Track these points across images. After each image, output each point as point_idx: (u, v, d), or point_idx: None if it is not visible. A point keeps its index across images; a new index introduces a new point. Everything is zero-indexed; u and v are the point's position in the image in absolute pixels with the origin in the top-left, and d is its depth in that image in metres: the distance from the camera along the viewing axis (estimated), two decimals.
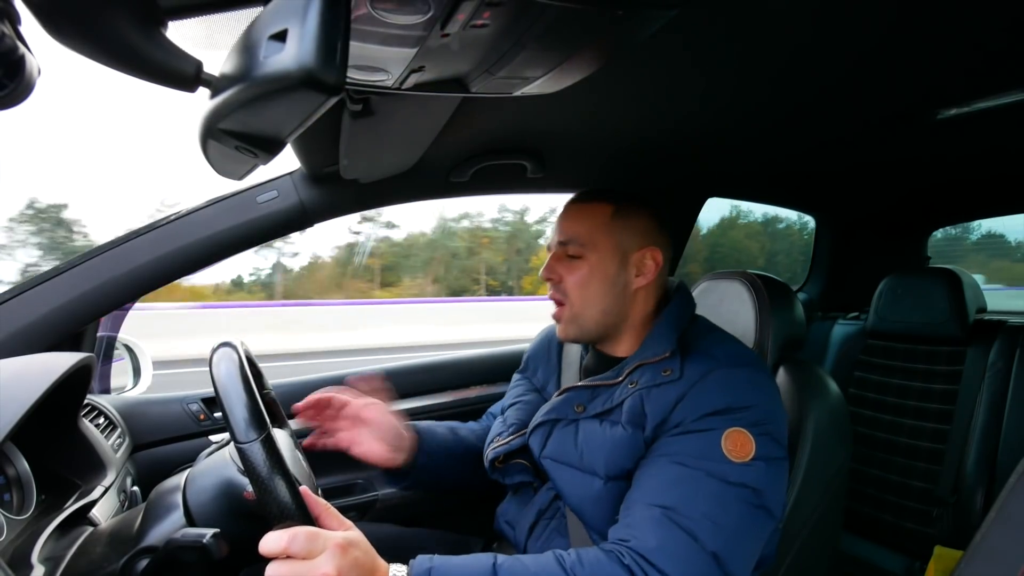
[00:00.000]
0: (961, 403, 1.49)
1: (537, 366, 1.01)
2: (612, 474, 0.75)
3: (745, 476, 0.67)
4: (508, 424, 0.92)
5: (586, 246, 0.82)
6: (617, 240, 0.83)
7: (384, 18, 0.45)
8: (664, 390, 0.75)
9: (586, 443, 0.79)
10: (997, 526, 0.43)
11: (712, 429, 0.70)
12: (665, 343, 0.79)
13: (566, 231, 0.84)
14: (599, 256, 0.82)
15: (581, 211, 0.85)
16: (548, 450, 0.83)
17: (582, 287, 0.82)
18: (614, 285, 0.83)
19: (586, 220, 0.84)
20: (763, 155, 1.27)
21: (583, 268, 0.82)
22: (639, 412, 0.75)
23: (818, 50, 0.72)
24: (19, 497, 0.71)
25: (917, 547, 1.47)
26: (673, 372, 0.76)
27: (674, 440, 0.71)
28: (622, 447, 0.75)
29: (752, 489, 0.68)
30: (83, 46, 0.37)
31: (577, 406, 0.82)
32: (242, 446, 0.59)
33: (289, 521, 0.57)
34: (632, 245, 0.83)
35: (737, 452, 0.68)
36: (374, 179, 1.07)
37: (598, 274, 0.82)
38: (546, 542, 0.84)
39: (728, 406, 0.71)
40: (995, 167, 1.43)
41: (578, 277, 0.82)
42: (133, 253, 0.94)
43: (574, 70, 0.61)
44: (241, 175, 0.53)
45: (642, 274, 0.84)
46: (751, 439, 0.69)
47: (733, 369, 0.75)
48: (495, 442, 0.92)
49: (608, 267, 0.82)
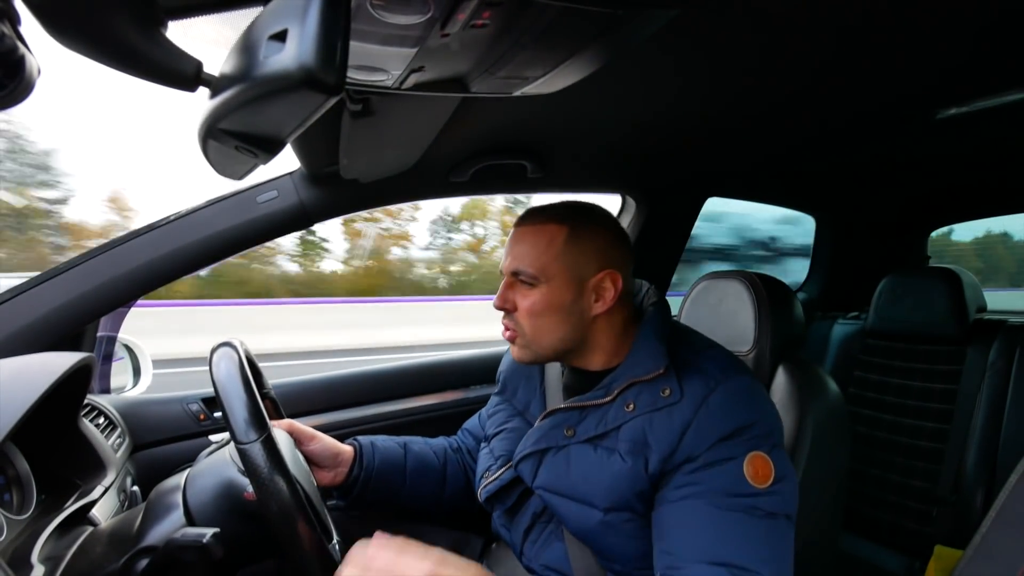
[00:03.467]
0: (961, 402, 1.49)
1: (516, 386, 0.94)
2: (612, 507, 0.73)
3: (776, 505, 0.67)
4: (496, 456, 0.89)
5: (538, 277, 0.76)
6: (571, 267, 0.76)
7: (384, 18, 0.45)
8: (667, 416, 0.71)
9: (580, 472, 0.75)
10: (997, 526, 0.43)
11: (731, 458, 0.68)
12: (655, 358, 0.75)
13: (517, 259, 0.78)
14: (551, 286, 0.76)
15: (532, 236, 0.78)
16: (540, 480, 0.79)
17: (535, 317, 0.77)
18: (570, 314, 0.77)
19: (537, 246, 0.77)
20: (763, 155, 1.27)
21: (535, 296, 0.77)
22: (641, 442, 0.71)
23: (818, 50, 0.72)
24: (19, 497, 0.71)
25: (917, 547, 1.47)
26: (673, 392, 0.72)
27: (696, 477, 0.68)
28: (622, 480, 0.71)
29: (785, 515, 0.68)
30: (83, 46, 0.37)
31: (567, 429, 0.78)
32: (243, 446, 0.59)
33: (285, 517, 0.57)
34: (588, 270, 0.77)
35: (760, 478, 0.67)
36: (374, 179, 1.06)
37: (553, 304, 0.76)
38: (543, 545, 0.83)
39: (737, 427, 0.69)
40: (995, 167, 1.43)
41: (530, 306, 0.77)
42: (133, 253, 0.94)
43: (574, 70, 0.61)
44: (241, 175, 0.53)
45: (600, 299, 0.78)
46: (768, 460, 0.68)
47: (730, 383, 0.73)
48: (485, 478, 0.88)
49: (563, 296, 0.76)
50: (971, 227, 2.19)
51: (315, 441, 0.89)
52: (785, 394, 0.94)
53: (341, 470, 0.91)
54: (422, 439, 1.04)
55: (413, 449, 0.99)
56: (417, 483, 0.97)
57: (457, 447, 1.06)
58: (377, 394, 1.34)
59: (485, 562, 0.92)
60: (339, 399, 1.29)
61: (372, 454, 0.94)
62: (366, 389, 1.33)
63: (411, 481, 0.96)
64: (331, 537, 0.73)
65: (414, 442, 1.01)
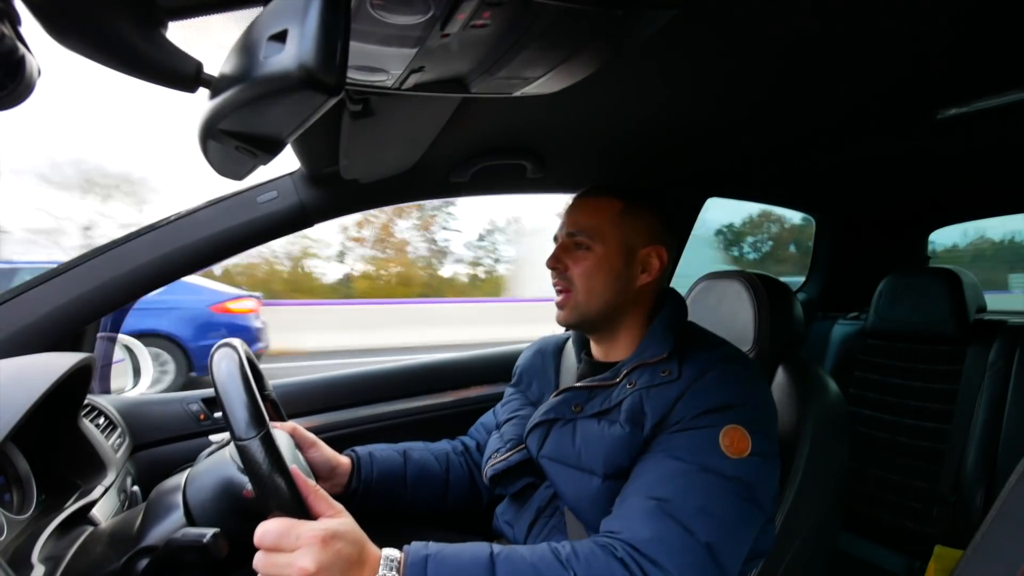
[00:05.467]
0: (961, 402, 1.49)
1: (532, 379, 1.00)
2: (610, 472, 0.76)
3: (739, 470, 0.69)
4: (506, 440, 0.92)
5: (594, 238, 0.84)
6: (624, 235, 0.84)
7: (384, 18, 0.45)
8: (663, 389, 0.76)
9: (584, 442, 0.79)
10: (997, 526, 0.43)
11: (711, 426, 0.71)
12: (663, 345, 0.80)
13: (575, 223, 0.86)
14: (606, 249, 0.84)
15: (590, 204, 0.87)
16: (546, 450, 0.84)
17: (587, 277, 0.84)
18: (619, 279, 0.84)
19: (595, 213, 0.86)
20: (763, 155, 1.27)
21: (589, 259, 0.84)
22: (638, 411, 0.76)
23: (818, 50, 0.72)
24: (19, 497, 0.71)
25: (917, 547, 1.47)
26: (672, 373, 0.77)
27: (673, 436, 0.72)
28: (620, 445, 0.75)
29: (746, 483, 0.69)
30: (83, 46, 0.38)
31: (575, 406, 0.83)
32: (242, 443, 0.59)
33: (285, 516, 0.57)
34: (639, 242, 0.85)
35: (734, 448, 0.70)
36: (374, 179, 1.07)
37: (604, 266, 0.84)
38: (545, 540, 0.83)
39: (726, 403, 0.72)
40: (995, 167, 1.43)
41: (584, 267, 0.84)
42: (133, 253, 0.94)
43: (574, 70, 0.61)
44: (241, 175, 0.53)
45: (647, 271, 0.86)
46: (747, 436, 0.70)
47: (730, 366, 0.77)
48: (493, 458, 0.91)
49: (614, 260, 0.84)
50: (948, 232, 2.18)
51: (315, 449, 0.89)
52: (785, 394, 0.94)
53: (338, 482, 0.91)
54: (423, 444, 1.03)
55: (413, 457, 0.99)
56: (419, 490, 0.97)
57: (463, 448, 1.05)
58: (377, 394, 1.34)
59: None
60: (339, 399, 1.29)
61: (370, 465, 0.94)
62: (366, 389, 1.33)
63: (413, 489, 0.96)
64: None
65: (414, 449, 1.01)
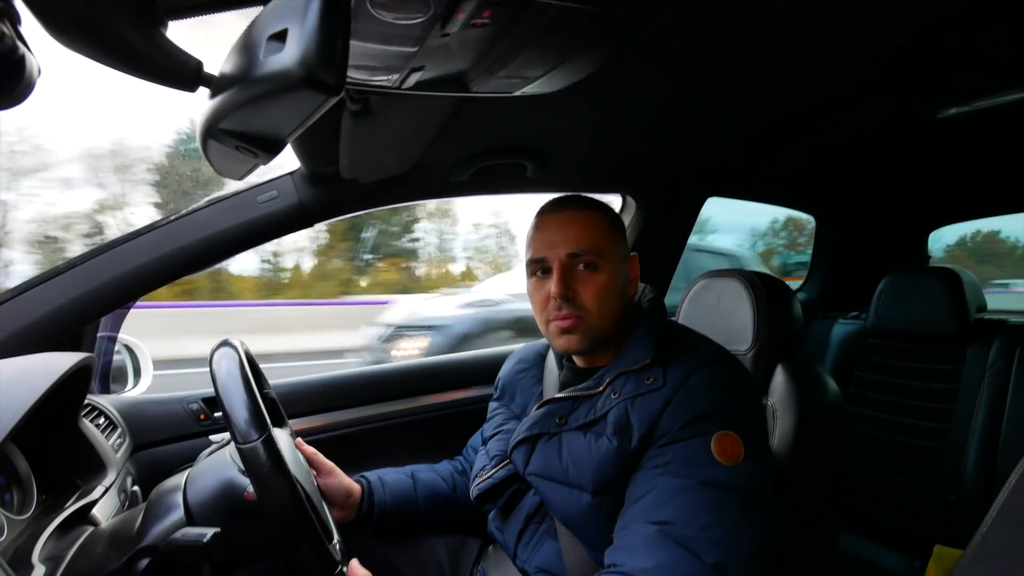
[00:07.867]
0: (961, 402, 1.49)
1: (514, 391, 0.97)
2: (599, 488, 0.73)
3: (737, 478, 0.66)
4: (491, 456, 0.90)
5: (602, 256, 0.78)
6: (620, 248, 0.82)
7: (384, 18, 0.45)
8: (649, 399, 0.73)
9: (571, 457, 0.76)
10: (997, 526, 0.43)
11: (701, 435, 0.68)
12: (645, 350, 0.77)
13: (575, 242, 0.78)
14: (612, 266, 0.79)
15: (582, 221, 0.80)
16: (532, 466, 0.81)
17: (601, 299, 0.77)
18: (623, 293, 0.81)
19: (592, 229, 0.79)
20: (763, 155, 1.27)
21: (600, 279, 0.78)
22: (624, 423, 0.73)
23: (818, 50, 0.72)
24: (20, 497, 0.71)
25: (917, 546, 1.47)
26: (656, 380, 0.74)
27: (664, 451, 0.70)
28: (608, 460, 0.72)
29: (745, 490, 0.66)
30: (83, 46, 0.38)
31: (559, 418, 0.80)
32: (243, 446, 0.59)
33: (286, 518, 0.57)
34: (625, 253, 0.83)
35: (727, 455, 0.67)
36: (374, 179, 1.06)
37: (614, 284, 0.79)
38: (536, 546, 0.83)
39: (713, 408, 0.70)
40: (995, 166, 1.43)
41: (596, 289, 0.77)
42: (133, 253, 0.94)
43: (574, 70, 0.61)
44: (241, 175, 0.53)
45: (632, 281, 0.84)
46: (739, 440, 0.68)
47: (713, 367, 0.74)
48: (479, 476, 0.89)
49: (618, 277, 0.80)
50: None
51: (332, 476, 0.90)
52: (784, 393, 0.94)
53: (351, 510, 0.91)
54: (427, 467, 1.03)
55: (421, 478, 0.99)
56: (432, 511, 0.97)
57: (463, 469, 1.05)
58: (377, 394, 1.34)
59: (482, 565, 0.92)
60: (339, 399, 1.29)
61: (382, 490, 0.94)
62: (366, 389, 1.33)
63: (425, 510, 0.97)
64: (331, 537, 0.73)
65: (420, 471, 1.01)
